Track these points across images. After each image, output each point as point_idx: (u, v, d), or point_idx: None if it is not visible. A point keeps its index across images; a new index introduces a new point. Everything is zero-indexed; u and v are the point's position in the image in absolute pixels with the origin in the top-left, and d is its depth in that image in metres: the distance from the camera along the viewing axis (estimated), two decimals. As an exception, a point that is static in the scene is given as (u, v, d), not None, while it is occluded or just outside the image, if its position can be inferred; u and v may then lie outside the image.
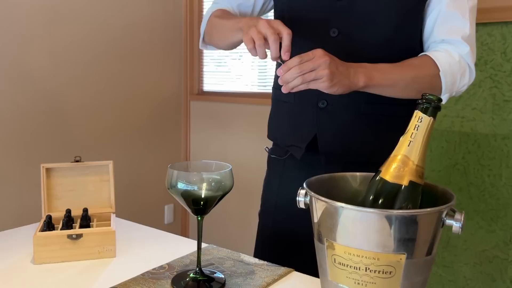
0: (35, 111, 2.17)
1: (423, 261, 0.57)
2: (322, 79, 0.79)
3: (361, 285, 0.57)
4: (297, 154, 1.03)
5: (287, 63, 0.80)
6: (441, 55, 0.91)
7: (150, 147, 2.73)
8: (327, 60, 0.79)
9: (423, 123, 0.63)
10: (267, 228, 1.11)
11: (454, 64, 0.91)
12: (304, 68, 0.79)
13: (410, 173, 0.62)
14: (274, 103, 1.11)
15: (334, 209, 0.57)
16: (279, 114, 1.08)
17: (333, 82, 0.80)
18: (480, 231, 1.85)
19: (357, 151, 0.97)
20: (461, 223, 0.57)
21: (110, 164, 1.02)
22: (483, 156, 1.83)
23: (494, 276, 1.84)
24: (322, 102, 0.97)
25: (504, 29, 1.75)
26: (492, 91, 1.80)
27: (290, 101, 1.03)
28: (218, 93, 2.81)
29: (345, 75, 0.82)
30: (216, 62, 2.84)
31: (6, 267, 0.86)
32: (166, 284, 0.79)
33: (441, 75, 0.90)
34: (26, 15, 2.09)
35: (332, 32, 0.93)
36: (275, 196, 1.09)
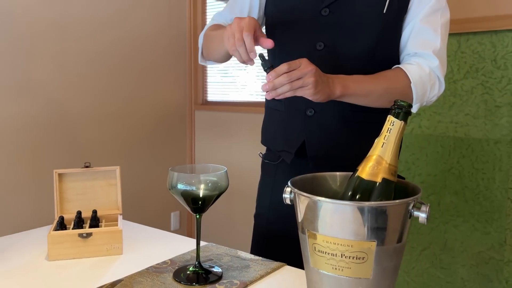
0: (47, 121, 2.27)
1: (393, 248, 0.64)
2: (308, 87, 0.85)
3: (338, 270, 0.64)
4: (287, 158, 1.10)
5: (276, 70, 0.85)
6: (413, 68, 0.98)
7: (156, 155, 2.82)
8: (313, 69, 0.85)
9: (395, 127, 0.71)
10: (262, 229, 1.18)
11: (424, 76, 0.98)
12: (292, 75, 0.84)
13: (384, 171, 0.70)
14: (267, 111, 1.19)
15: (314, 203, 0.65)
16: (271, 121, 1.16)
17: (317, 89, 0.86)
18: (475, 233, 1.91)
19: (343, 155, 1.05)
20: (426, 214, 0.64)
21: (117, 169, 1.10)
22: (477, 160, 1.89)
23: (490, 277, 1.89)
24: (310, 110, 1.04)
25: (494, 37, 1.82)
26: (484, 97, 1.86)
27: (281, 110, 1.11)
28: (221, 102, 2.90)
29: (326, 84, 0.89)
30: (222, 73, 2.94)
31: (23, 263, 0.94)
32: (168, 277, 0.87)
33: (412, 86, 0.97)
34: (38, 31, 2.20)
35: (318, 46, 1.01)
36: (269, 199, 1.16)
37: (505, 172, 1.83)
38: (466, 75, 1.90)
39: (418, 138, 2.03)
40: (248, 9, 1.13)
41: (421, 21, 0.99)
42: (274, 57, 1.12)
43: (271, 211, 1.15)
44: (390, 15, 0.99)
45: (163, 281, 0.85)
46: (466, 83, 1.90)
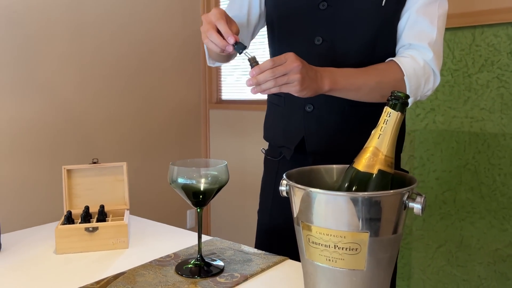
0: (62, 121, 2.32)
1: (387, 239, 0.64)
2: (293, 83, 0.83)
3: (332, 261, 0.64)
4: (287, 154, 1.10)
5: (260, 66, 0.83)
6: (406, 61, 0.95)
7: (172, 155, 2.85)
8: (299, 65, 0.82)
9: (392, 118, 0.70)
10: (265, 224, 1.19)
11: (418, 69, 0.95)
12: (277, 72, 0.82)
13: (380, 163, 0.69)
14: (269, 106, 1.19)
15: (307, 195, 0.65)
16: (273, 116, 1.16)
17: (303, 86, 0.84)
18: (492, 230, 1.87)
19: (343, 151, 1.02)
20: (421, 205, 0.63)
21: (124, 165, 1.12)
22: (493, 155, 1.85)
23: (508, 275, 1.85)
24: (309, 106, 1.04)
25: (509, 29, 1.78)
26: (499, 91, 1.82)
27: (281, 105, 1.10)
28: (236, 101, 2.91)
29: (313, 80, 0.86)
30: (236, 71, 2.95)
31: (32, 257, 0.96)
32: (170, 270, 0.88)
33: (406, 80, 0.94)
34: (53, 33, 2.25)
35: (317, 40, 1.00)
36: (271, 196, 1.17)
37: (522, 168, 1.79)
38: (481, 69, 1.86)
39: (433, 133, 2.00)
40: (248, 6, 1.12)
41: (417, 11, 0.97)
42: (274, 52, 1.12)
43: (274, 207, 1.16)
44: (389, 7, 0.97)
45: (165, 274, 0.86)
46: (481, 77, 1.86)
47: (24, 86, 2.16)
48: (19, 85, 2.14)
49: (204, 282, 0.82)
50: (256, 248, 1.20)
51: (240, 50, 0.86)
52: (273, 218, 1.16)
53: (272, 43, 1.12)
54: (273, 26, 1.08)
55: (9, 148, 2.11)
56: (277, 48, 1.09)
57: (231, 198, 2.90)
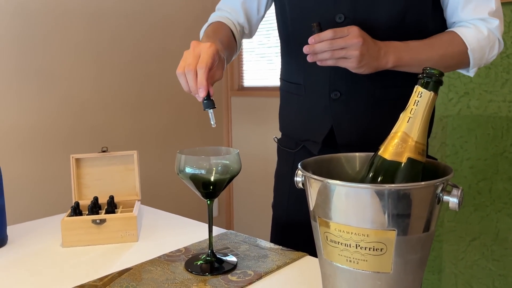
0: (71, 109, 2.29)
1: (418, 238, 0.55)
2: (350, 59, 0.80)
3: (353, 262, 0.56)
4: (313, 149, 1.00)
5: (320, 34, 0.80)
6: (469, 32, 0.90)
7: (193, 144, 2.80)
8: (359, 41, 0.79)
9: (423, 98, 0.61)
10: (281, 219, 1.10)
11: (483, 39, 0.90)
12: (335, 44, 0.79)
13: (409, 150, 0.61)
14: (284, 95, 1.09)
15: (325, 187, 0.57)
16: (291, 107, 1.06)
17: (361, 63, 0.81)
18: (532, 222, 1.74)
19: (377, 140, 0.94)
20: (458, 199, 0.54)
21: (135, 154, 1.06)
22: (530, 142, 1.72)
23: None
24: (335, 93, 0.94)
25: (553, 5, 1.63)
26: (541, 73, 1.68)
27: (300, 94, 1.01)
28: (258, 88, 2.83)
29: (374, 58, 0.82)
30: (259, 57, 2.86)
31: (38, 250, 0.92)
32: (179, 266, 0.82)
33: (469, 53, 0.90)
34: (60, 21, 2.22)
35: (338, 18, 0.90)
36: (288, 188, 1.08)
37: None
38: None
39: (467, 119, 1.87)
40: None
41: None
42: (287, 35, 1.02)
43: (291, 200, 1.07)
44: None
45: (173, 271, 0.80)
46: (521, 58, 1.72)
47: (33, 76, 2.14)
48: (28, 75, 2.12)
49: (215, 280, 0.76)
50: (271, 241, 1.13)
51: (207, 108, 0.80)
52: (290, 213, 1.08)
53: (284, 24, 1.03)
54: (285, 8, 0.99)
55: (17, 138, 2.10)
56: (290, 30, 0.99)
57: (254, 189, 2.83)
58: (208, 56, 0.77)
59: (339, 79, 0.93)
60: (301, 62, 0.98)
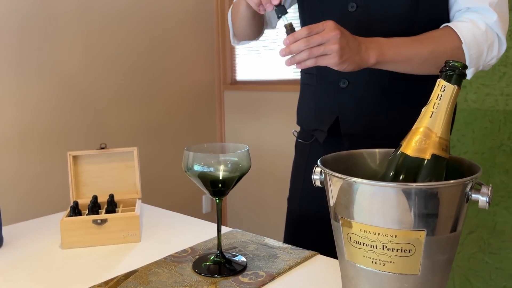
0: (70, 103, 2.23)
1: (446, 238, 0.53)
2: (331, 55, 0.74)
3: (379, 264, 0.54)
4: (320, 137, 1.00)
5: (294, 34, 0.75)
6: (464, 26, 0.83)
7: (185, 138, 2.76)
8: (337, 34, 0.73)
9: (447, 92, 0.59)
10: (294, 213, 1.09)
11: (479, 35, 0.83)
12: (312, 41, 0.73)
13: (433, 146, 0.58)
14: (301, 87, 1.08)
15: (348, 185, 0.54)
16: (305, 98, 1.06)
17: (343, 58, 0.74)
18: (529, 215, 1.75)
19: (382, 132, 0.92)
20: (488, 198, 0.52)
21: (135, 150, 1.03)
22: (528, 135, 1.72)
23: (546, 263, 1.73)
24: (343, 81, 0.92)
25: (551, -3, 1.63)
26: (539, 66, 1.67)
27: (313, 84, 1.00)
28: (251, 82, 2.79)
29: (355, 51, 0.76)
30: (252, 51, 2.82)
31: (36, 251, 0.88)
32: (187, 267, 0.78)
33: (464, 48, 0.83)
34: (62, 12, 2.15)
35: (351, 7, 0.88)
36: (302, 181, 1.07)
37: None
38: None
39: (464, 112, 1.86)
40: None
41: None
42: (304, 23, 1.01)
43: (304, 194, 1.06)
44: None
45: (181, 272, 0.77)
46: (518, 51, 1.71)
47: (29, 68, 2.07)
48: (24, 68, 2.05)
49: (226, 282, 0.73)
50: (284, 238, 1.11)
51: (280, 13, 0.81)
52: (302, 207, 1.06)
53: (302, 15, 1.02)
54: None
55: (13, 133, 2.04)
56: (307, 20, 0.98)
57: (248, 185, 2.80)
58: None
59: None
60: None
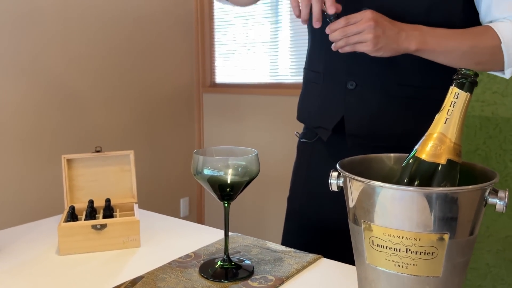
0: (52, 105, 2.17)
1: (466, 241, 0.55)
2: (366, 43, 0.79)
3: (401, 267, 0.55)
4: (323, 136, 1.01)
5: (331, 26, 0.81)
6: (504, 26, 0.85)
7: (163, 140, 2.73)
8: (371, 24, 0.78)
9: (460, 99, 0.61)
10: (295, 213, 1.10)
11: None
12: (347, 31, 0.79)
13: (448, 151, 0.60)
14: (305, 84, 1.09)
15: (371, 189, 0.55)
16: (309, 95, 1.07)
17: (377, 46, 0.80)
18: (503, 217, 1.82)
19: (386, 135, 0.94)
20: (506, 201, 0.54)
21: (131, 154, 1.01)
22: (505, 140, 1.79)
23: (519, 263, 1.81)
24: (351, 83, 0.94)
25: (525, 9, 1.71)
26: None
27: (319, 82, 1.01)
28: (230, 84, 2.79)
29: (393, 40, 0.80)
30: (231, 54, 2.82)
31: (31, 258, 0.85)
32: (194, 273, 0.78)
33: (503, 47, 0.84)
34: (41, 11, 2.09)
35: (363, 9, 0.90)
36: (303, 181, 1.08)
37: (535, 153, 1.73)
38: None
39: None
40: None
41: None
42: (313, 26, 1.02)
43: (304, 194, 1.07)
44: None
45: (189, 278, 0.76)
46: (494, 59, 1.79)
47: (11, 67, 2.00)
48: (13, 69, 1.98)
49: (235, 287, 0.73)
50: (283, 238, 1.11)
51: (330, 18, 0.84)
52: (303, 206, 1.07)
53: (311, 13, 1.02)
54: None
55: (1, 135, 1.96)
56: None
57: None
58: None
59: (357, 69, 0.94)
60: (322, 51, 1.00)
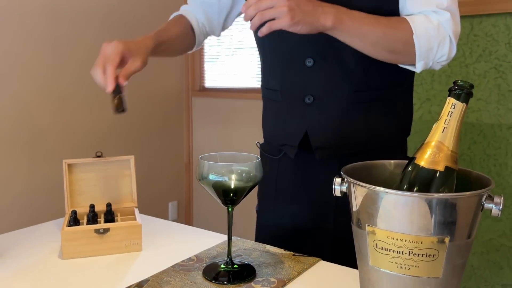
0: (42, 108, 2.16)
1: (464, 244, 0.58)
2: (282, 18, 0.76)
3: (404, 268, 0.58)
4: (290, 153, 1.00)
5: (246, 2, 0.78)
6: (418, 19, 0.85)
7: (152, 144, 2.73)
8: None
9: (456, 110, 0.64)
10: (268, 223, 1.09)
11: (431, 29, 0.84)
12: (261, 5, 0.76)
13: (446, 159, 0.63)
14: (264, 102, 1.09)
15: (376, 195, 0.58)
16: (270, 113, 1.06)
17: (294, 20, 0.76)
18: (486, 220, 1.88)
19: (351, 141, 0.95)
20: (501, 207, 0.58)
21: (132, 159, 1.02)
22: (488, 146, 1.85)
23: (501, 264, 1.87)
24: (308, 97, 0.94)
25: (508, 19, 1.77)
26: (497, 82, 1.81)
27: (278, 99, 1.00)
28: (220, 89, 2.81)
29: (309, 14, 0.78)
30: (219, 58, 2.84)
31: (34, 262, 0.86)
32: (197, 275, 0.80)
33: (415, 39, 0.83)
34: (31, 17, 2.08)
35: None
36: (273, 194, 1.06)
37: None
38: (479, 59, 1.85)
39: (428, 124, 1.98)
40: None
41: None
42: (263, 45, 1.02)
43: (278, 206, 1.06)
44: None
45: (193, 280, 0.78)
46: (478, 67, 1.85)
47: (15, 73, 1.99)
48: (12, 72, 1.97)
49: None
50: None
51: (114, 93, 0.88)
52: (278, 218, 1.07)
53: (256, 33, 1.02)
54: None
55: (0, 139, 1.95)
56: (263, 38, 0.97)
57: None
58: (114, 54, 0.87)
59: (313, 83, 0.94)
60: (277, 69, 0.99)
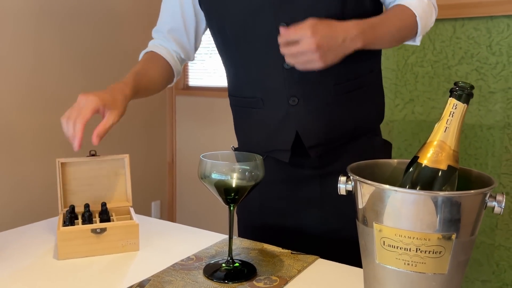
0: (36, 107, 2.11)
1: (468, 240, 0.60)
2: (314, 63, 0.80)
3: (411, 265, 0.59)
4: (283, 157, 0.99)
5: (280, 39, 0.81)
6: (413, 1, 0.93)
7: (135, 143, 2.70)
8: (311, 45, 0.78)
9: (458, 110, 0.66)
10: (254, 222, 1.09)
11: (425, 7, 0.94)
12: (292, 51, 0.80)
13: (448, 158, 0.65)
14: (238, 111, 1.07)
15: (384, 193, 0.59)
16: (248, 123, 1.04)
17: (327, 62, 0.81)
18: (467, 218, 1.93)
19: (341, 133, 0.98)
20: (503, 204, 0.60)
21: (126, 157, 1.01)
22: (469, 145, 1.90)
23: (481, 261, 1.92)
24: (293, 99, 0.95)
25: (489, 23, 1.82)
26: (478, 83, 1.86)
27: (259, 107, 0.99)
28: (204, 88, 2.80)
29: (339, 48, 0.81)
30: (205, 56, 2.83)
31: (29, 263, 0.84)
32: (198, 275, 0.79)
33: (418, 21, 0.92)
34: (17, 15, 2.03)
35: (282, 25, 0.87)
36: (257, 194, 1.04)
37: (497, 158, 1.85)
38: (461, 61, 1.89)
39: (411, 124, 2.02)
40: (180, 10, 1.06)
41: None
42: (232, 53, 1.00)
43: (263, 205, 1.06)
44: None
45: (195, 280, 0.77)
46: (460, 69, 1.89)
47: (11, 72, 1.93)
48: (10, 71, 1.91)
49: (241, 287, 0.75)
50: None
51: None
52: (264, 216, 1.07)
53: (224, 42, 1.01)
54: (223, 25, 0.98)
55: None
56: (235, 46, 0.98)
57: (198, 190, 2.79)
58: (88, 110, 0.88)
59: (294, 85, 0.94)
60: (253, 75, 0.98)
